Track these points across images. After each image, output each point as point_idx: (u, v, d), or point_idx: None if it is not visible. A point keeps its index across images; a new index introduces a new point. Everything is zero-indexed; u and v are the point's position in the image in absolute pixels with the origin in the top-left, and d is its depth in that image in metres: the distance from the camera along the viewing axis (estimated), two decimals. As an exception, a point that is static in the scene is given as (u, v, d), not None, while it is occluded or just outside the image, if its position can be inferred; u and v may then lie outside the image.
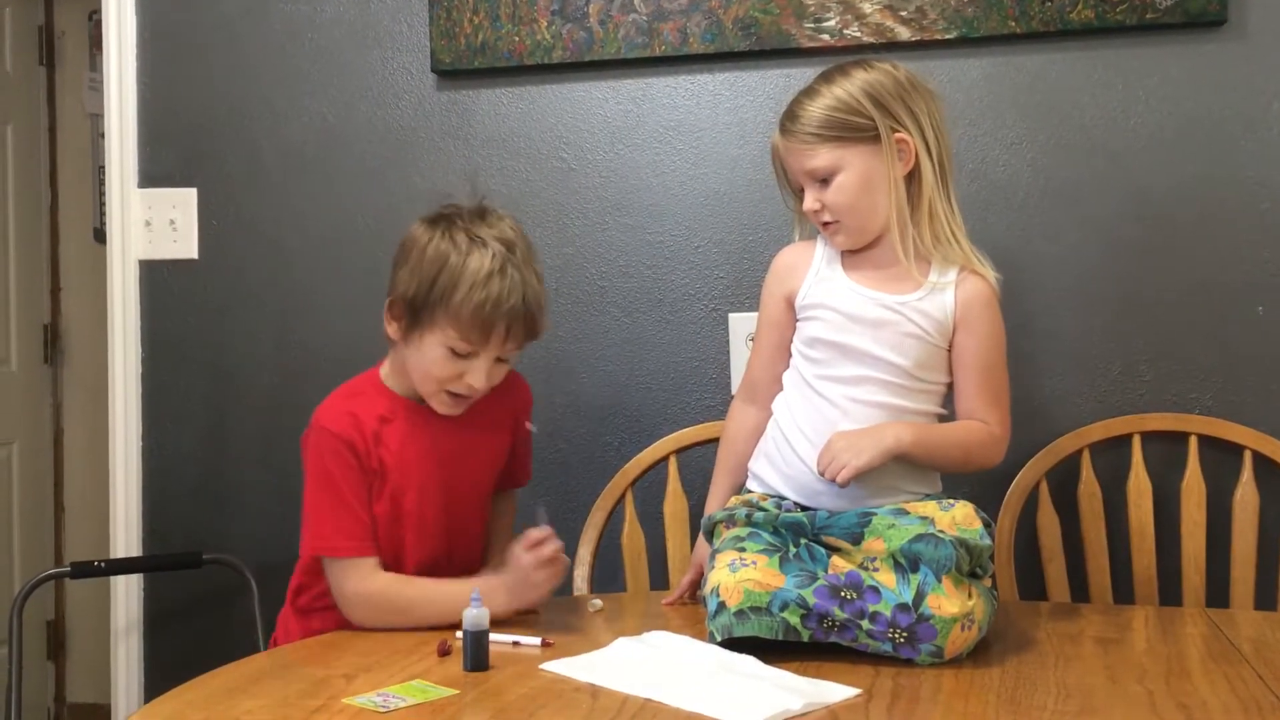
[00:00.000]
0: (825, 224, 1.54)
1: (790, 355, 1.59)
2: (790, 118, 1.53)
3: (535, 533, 1.48)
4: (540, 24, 2.07)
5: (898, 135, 1.50)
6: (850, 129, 1.49)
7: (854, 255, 1.57)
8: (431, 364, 1.51)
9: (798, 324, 1.58)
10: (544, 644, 1.40)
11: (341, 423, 1.52)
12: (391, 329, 1.55)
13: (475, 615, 1.29)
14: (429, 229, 1.54)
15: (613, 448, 2.08)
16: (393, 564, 1.54)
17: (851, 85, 1.50)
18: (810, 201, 1.53)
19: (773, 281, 1.63)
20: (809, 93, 1.53)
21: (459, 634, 1.32)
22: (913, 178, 1.52)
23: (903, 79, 1.52)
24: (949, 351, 1.53)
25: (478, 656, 1.29)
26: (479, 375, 1.50)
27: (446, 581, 1.50)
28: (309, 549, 1.55)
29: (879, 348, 1.49)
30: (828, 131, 1.49)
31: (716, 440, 1.95)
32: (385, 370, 1.61)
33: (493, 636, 1.36)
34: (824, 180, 1.51)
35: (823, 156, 1.50)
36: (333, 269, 2.21)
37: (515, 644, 1.41)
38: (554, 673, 1.27)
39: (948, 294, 1.51)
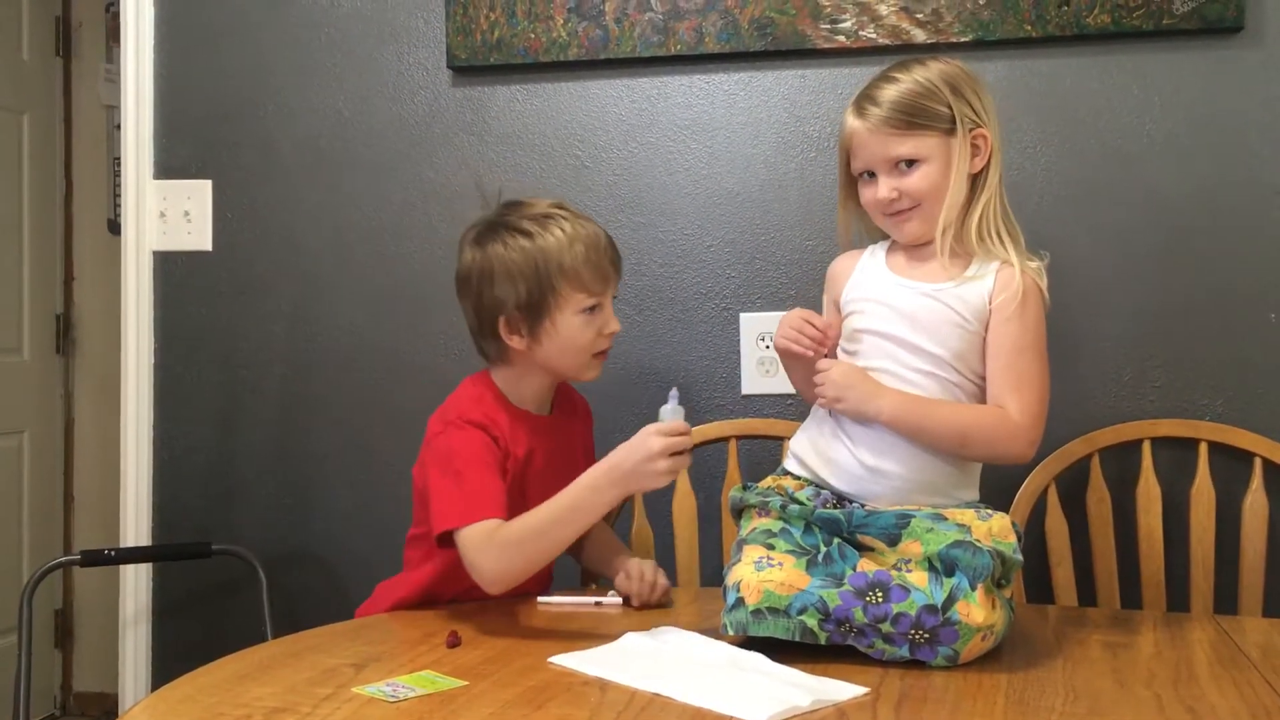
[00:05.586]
0: (899, 212, 1.52)
1: None
2: (870, 101, 1.51)
3: (670, 420, 1.43)
4: (556, 21, 2.08)
5: (979, 130, 1.50)
6: (930, 116, 1.49)
7: (899, 252, 1.57)
8: (576, 335, 1.60)
9: (843, 323, 1.58)
10: (625, 604, 1.50)
11: (476, 414, 1.58)
12: (516, 342, 1.61)
13: (672, 409, 1.43)
14: (485, 244, 1.61)
15: (622, 445, 2.07)
16: None
17: (931, 73, 1.51)
18: (886, 190, 1.51)
19: (826, 291, 1.66)
20: (886, 79, 1.52)
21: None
22: (979, 175, 1.52)
23: (971, 76, 1.53)
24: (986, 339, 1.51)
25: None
26: (612, 319, 1.64)
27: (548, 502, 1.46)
28: (455, 520, 1.48)
29: (917, 336, 1.49)
30: (911, 117, 1.49)
31: (725, 440, 1.96)
32: (500, 385, 1.65)
33: (575, 599, 1.50)
34: (903, 167, 1.50)
35: (908, 144, 1.49)
36: (346, 263, 2.21)
37: (598, 604, 1.55)
38: (562, 666, 1.28)
39: (987, 280, 1.50)
